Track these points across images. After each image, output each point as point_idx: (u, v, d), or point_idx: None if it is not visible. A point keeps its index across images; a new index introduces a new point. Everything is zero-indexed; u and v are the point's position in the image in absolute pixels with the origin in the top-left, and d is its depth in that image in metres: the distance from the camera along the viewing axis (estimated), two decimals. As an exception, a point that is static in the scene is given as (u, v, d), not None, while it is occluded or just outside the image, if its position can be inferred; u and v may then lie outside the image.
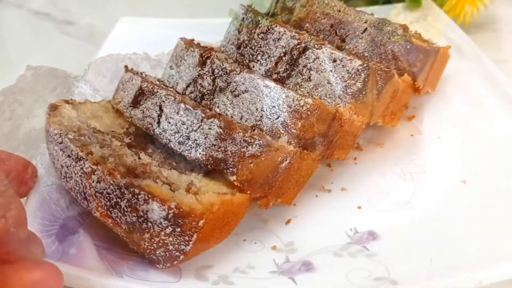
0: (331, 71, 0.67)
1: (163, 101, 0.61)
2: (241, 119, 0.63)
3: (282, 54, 0.69)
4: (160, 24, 1.04)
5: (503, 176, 0.67)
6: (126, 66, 0.70)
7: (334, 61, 0.67)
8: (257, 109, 0.62)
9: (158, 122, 0.61)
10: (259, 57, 0.71)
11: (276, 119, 0.61)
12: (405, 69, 0.74)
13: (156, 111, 0.61)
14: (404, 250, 0.58)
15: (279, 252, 0.59)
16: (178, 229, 0.51)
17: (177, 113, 0.59)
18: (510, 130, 0.73)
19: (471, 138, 0.74)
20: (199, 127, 0.58)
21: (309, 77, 0.68)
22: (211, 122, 0.57)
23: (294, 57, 0.69)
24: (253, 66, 0.72)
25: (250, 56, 0.72)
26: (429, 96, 0.83)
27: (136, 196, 0.51)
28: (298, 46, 0.68)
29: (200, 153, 0.57)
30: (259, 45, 0.71)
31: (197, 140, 0.58)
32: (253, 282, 0.54)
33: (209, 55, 0.66)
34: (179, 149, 0.59)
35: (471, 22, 1.00)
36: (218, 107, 0.64)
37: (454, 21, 1.00)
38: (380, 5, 1.11)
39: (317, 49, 0.68)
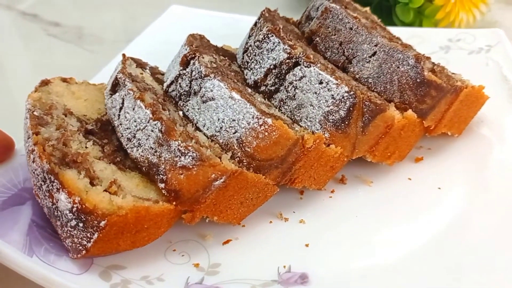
0: (315, 93, 0.62)
1: (125, 95, 0.61)
2: (203, 126, 0.61)
3: (272, 66, 0.65)
4: (209, 17, 1.03)
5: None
6: (123, 55, 0.71)
7: (321, 83, 0.62)
8: (218, 119, 0.59)
9: (119, 115, 0.61)
10: (252, 65, 0.68)
11: (233, 133, 0.58)
12: (411, 104, 0.65)
13: (119, 103, 0.62)
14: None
15: (198, 271, 0.56)
16: (81, 224, 0.50)
17: (133, 109, 0.59)
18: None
19: (477, 199, 0.63)
20: (145, 127, 0.57)
21: (294, 96, 0.63)
22: (155, 124, 0.56)
23: (283, 71, 0.64)
24: (246, 74, 0.69)
25: (246, 63, 0.69)
26: (452, 139, 0.72)
27: (52, 183, 0.52)
28: (288, 61, 0.64)
29: (139, 154, 0.57)
30: (254, 53, 0.68)
31: (140, 139, 0.57)
32: (150, 295, 0.52)
33: (193, 55, 0.65)
34: (126, 145, 0.59)
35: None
36: (187, 110, 0.63)
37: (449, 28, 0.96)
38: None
39: (306, 67, 0.62)
